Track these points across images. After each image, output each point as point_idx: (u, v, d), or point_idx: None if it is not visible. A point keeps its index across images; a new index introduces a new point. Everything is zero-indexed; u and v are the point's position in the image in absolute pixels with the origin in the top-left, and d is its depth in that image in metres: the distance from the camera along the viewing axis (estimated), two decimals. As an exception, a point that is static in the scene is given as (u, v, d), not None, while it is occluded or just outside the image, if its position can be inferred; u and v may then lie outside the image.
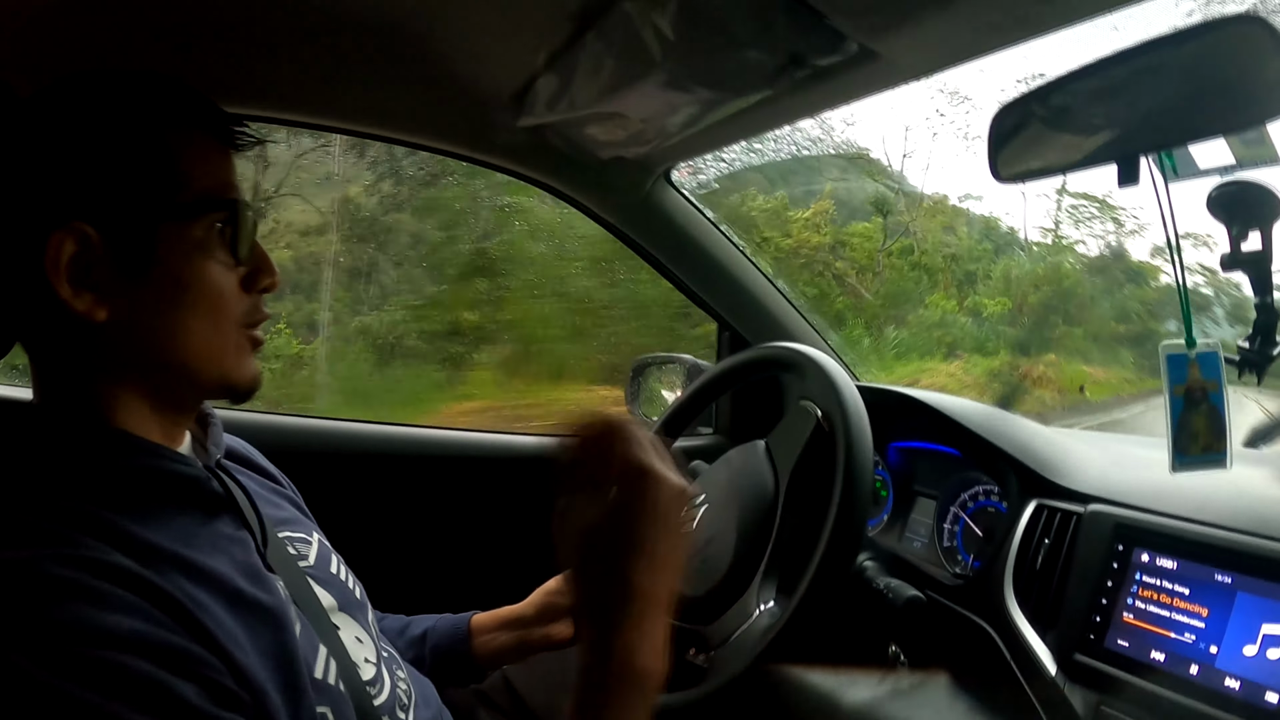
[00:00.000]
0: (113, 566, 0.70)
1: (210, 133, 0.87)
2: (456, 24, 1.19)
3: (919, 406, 1.44)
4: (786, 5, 0.97)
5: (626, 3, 1.04)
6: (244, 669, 0.74)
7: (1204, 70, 0.89)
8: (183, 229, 0.83)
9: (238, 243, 0.86)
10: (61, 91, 0.83)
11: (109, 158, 0.81)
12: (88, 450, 0.80)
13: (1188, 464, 0.99)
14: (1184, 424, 1.00)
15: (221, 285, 0.85)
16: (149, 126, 0.82)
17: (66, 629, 0.65)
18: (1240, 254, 1.08)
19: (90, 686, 0.64)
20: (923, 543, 1.47)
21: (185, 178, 0.83)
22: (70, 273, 0.78)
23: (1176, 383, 1.00)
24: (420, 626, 1.31)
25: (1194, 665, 0.91)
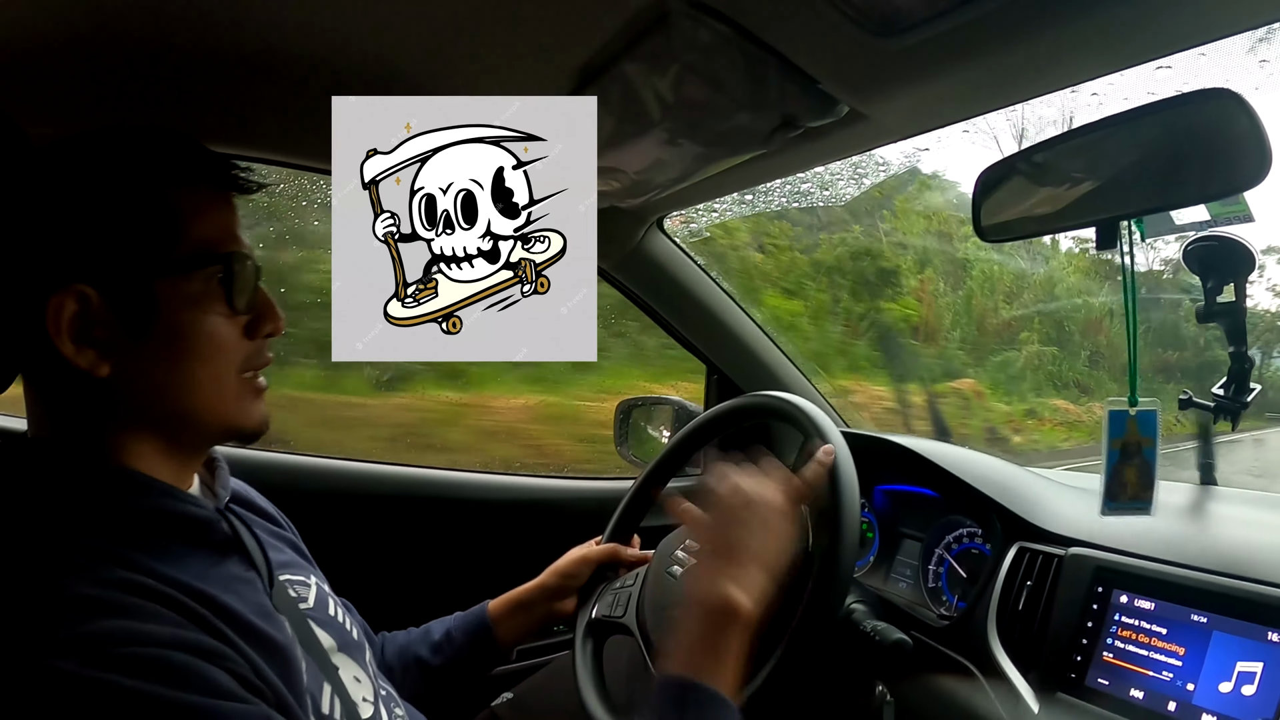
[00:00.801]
0: (142, 585, 0.73)
1: (208, 181, 0.88)
2: (458, 77, 1.21)
3: (903, 452, 1.47)
4: (781, 71, 1.00)
5: (627, 65, 1.06)
6: (265, 675, 0.78)
7: (1180, 140, 0.93)
8: (180, 283, 0.84)
9: (233, 294, 0.87)
10: (55, 155, 0.84)
11: (105, 219, 0.82)
12: (102, 489, 0.81)
13: (1115, 509, 1.07)
14: (1116, 474, 1.07)
15: (221, 335, 0.87)
16: (144, 184, 0.83)
17: (105, 636, 0.68)
18: (1215, 305, 1.13)
19: (135, 676, 0.66)
20: (908, 584, 1.49)
21: (182, 232, 0.84)
22: (72, 332, 0.80)
23: (1115, 436, 1.07)
24: (439, 631, 1.33)
25: (1172, 702, 0.94)
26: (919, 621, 1.26)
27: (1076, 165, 1.05)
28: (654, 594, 1.23)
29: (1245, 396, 1.19)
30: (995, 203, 1.13)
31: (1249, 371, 1.18)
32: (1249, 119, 0.88)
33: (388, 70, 1.17)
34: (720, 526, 1.00)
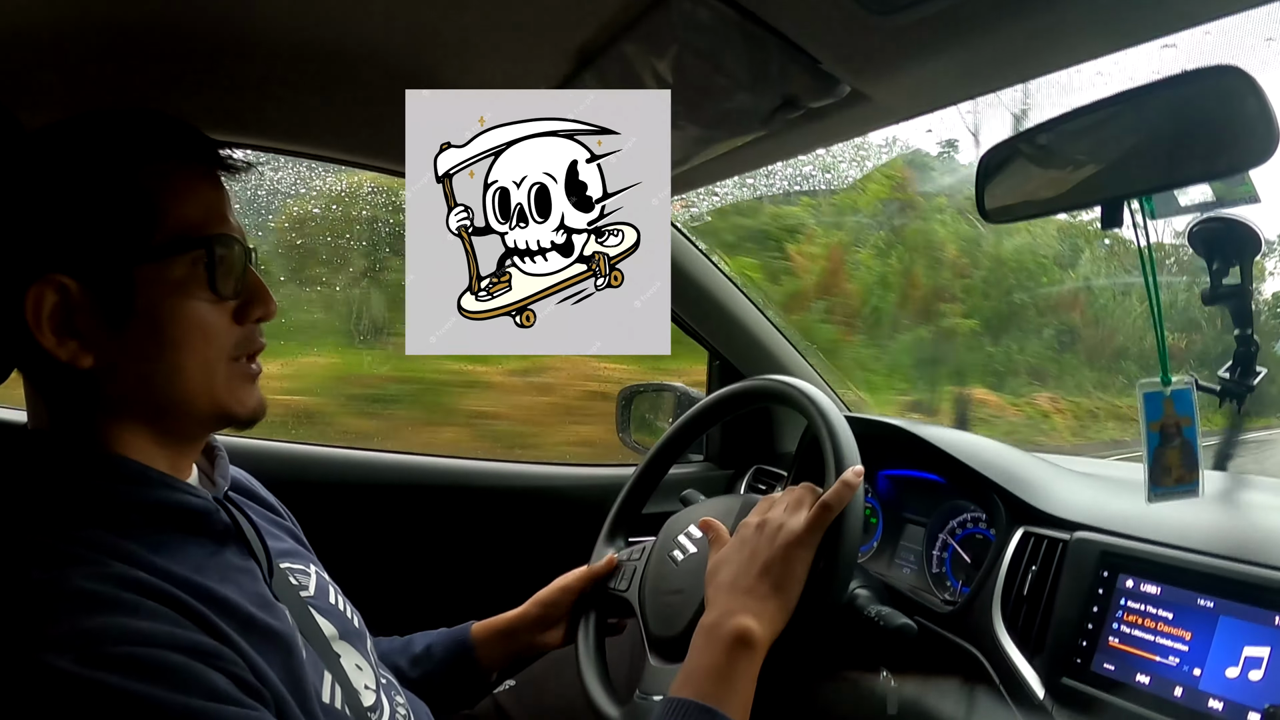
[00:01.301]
0: (139, 581, 0.72)
1: (191, 162, 0.86)
2: (455, 59, 1.19)
3: (907, 436, 1.46)
4: (782, 51, 0.99)
5: (626, 44, 1.05)
6: (264, 675, 0.77)
7: (1186, 119, 0.93)
8: (160, 270, 0.82)
9: (217, 279, 0.84)
10: (30, 145, 0.83)
11: (80, 208, 0.80)
12: (97, 480, 0.80)
13: (1162, 495, 1.05)
14: (1159, 458, 1.06)
15: (207, 322, 0.85)
16: (120, 169, 0.81)
17: (102, 633, 0.67)
18: (1221, 288, 1.12)
19: (130, 677, 0.66)
20: (912, 569, 1.48)
21: (161, 216, 0.82)
22: (52, 323, 0.79)
23: (1152, 419, 1.06)
24: (421, 644, 1.31)
25: (1178, 687, 0.94)
26: (923, 607, 1.25)
27: (1081, 145, 1.04)
28: (655, 576, 1.22)
29: (1251, 380, 1.18)
30: (999, 184, 1.12)
31: (1255, 355, 1.17)
32: (1257, 97, 0.87)
33: (378, 51, 1.16)
34: (744, 555, 1.02)
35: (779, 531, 1.00)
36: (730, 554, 1.03)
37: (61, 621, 0.67)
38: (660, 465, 1.40)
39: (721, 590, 1.00)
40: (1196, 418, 1.06)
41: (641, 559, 1.27)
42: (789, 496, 1.05)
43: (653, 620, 1.18)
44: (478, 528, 1.91)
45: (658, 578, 1.22)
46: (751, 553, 1.01)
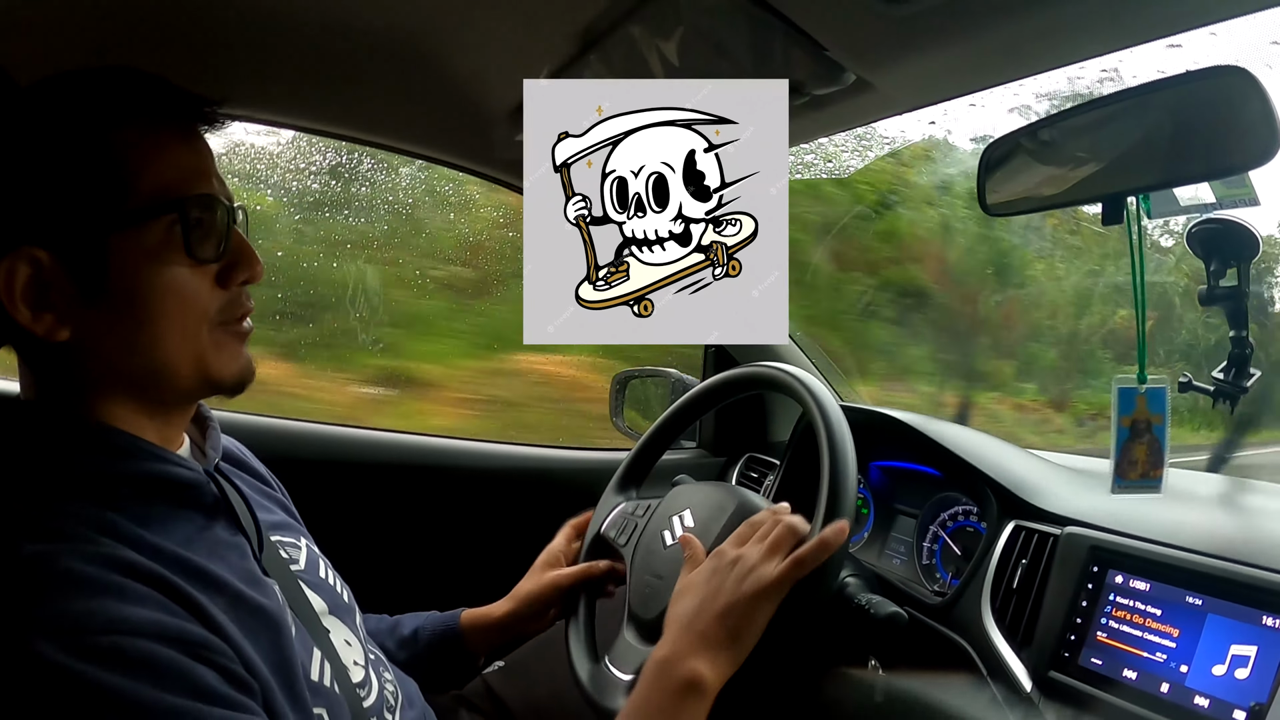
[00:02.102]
0: (129, 562, 0.71)
1: (165, 121, 0.83)
2: (459, 37, 1.19)
3: (901, 427, 1.47)
4: (788, 36, 0.99)
5: (631, 26, 1.04)
6: (252, 662, 0.76)
7: (1189, 118, 0.93)
8: (134, 237, 0.79)
9: (192, 242, 0.81)
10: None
11: (49, 176, 0.78)
12: (86, 451, 0.80)
13: (1125, 487, 1.09)
14: (1126, 452, 1.08)
15: (187, 288, 0.82)
16: (89, 133, 0.78)
17: (89, 618, 0.66)
18: (1218, 289, 1.12)
19: (115, 670, 0.65)
20: (902, 560, 1.49)
21: (133, 181, 0.79)
22: (26, 296, 0.77)
23: (1124, 414, 1.08)
24: (409, 626, 1.31)
25: (1165, 683, 0.94)
26: (913, 598, 1.25)
27: (1084, 141, 1.04)
28: (644, 551, 1.23)
29: (1245, 381, 1.18)
30: (1000, 178, 1.12)
31: (1250, 356, 1.17)
32: (1260, 98, 0.87)
33: (375, 28, 1.15)
34: (709, 590, 0.98)
35: (748, 576, 0.96)
36: (697, 583, 1.00)
37: (48, 603, 0.66)
38: (653, 450, 1.40)
39: (678, 624, 0.97)
40: (1168, 416, 1.08)
41: (644, 519, 1.27)
42: (770, 531, 1.01)
43: (634, 594, 1.19)
44: (469, 507, 1.91)
45: (646, 553, 1.22)
46: (716, 590, 0.97)
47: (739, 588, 0.96)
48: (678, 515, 1.20)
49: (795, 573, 0.95)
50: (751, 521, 1.04)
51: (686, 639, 0.95)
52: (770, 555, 0.97)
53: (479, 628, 1.32)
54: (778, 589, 0.95)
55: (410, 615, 1.34)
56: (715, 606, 0.96)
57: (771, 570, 0.96)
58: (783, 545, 0.98)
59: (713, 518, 1.15)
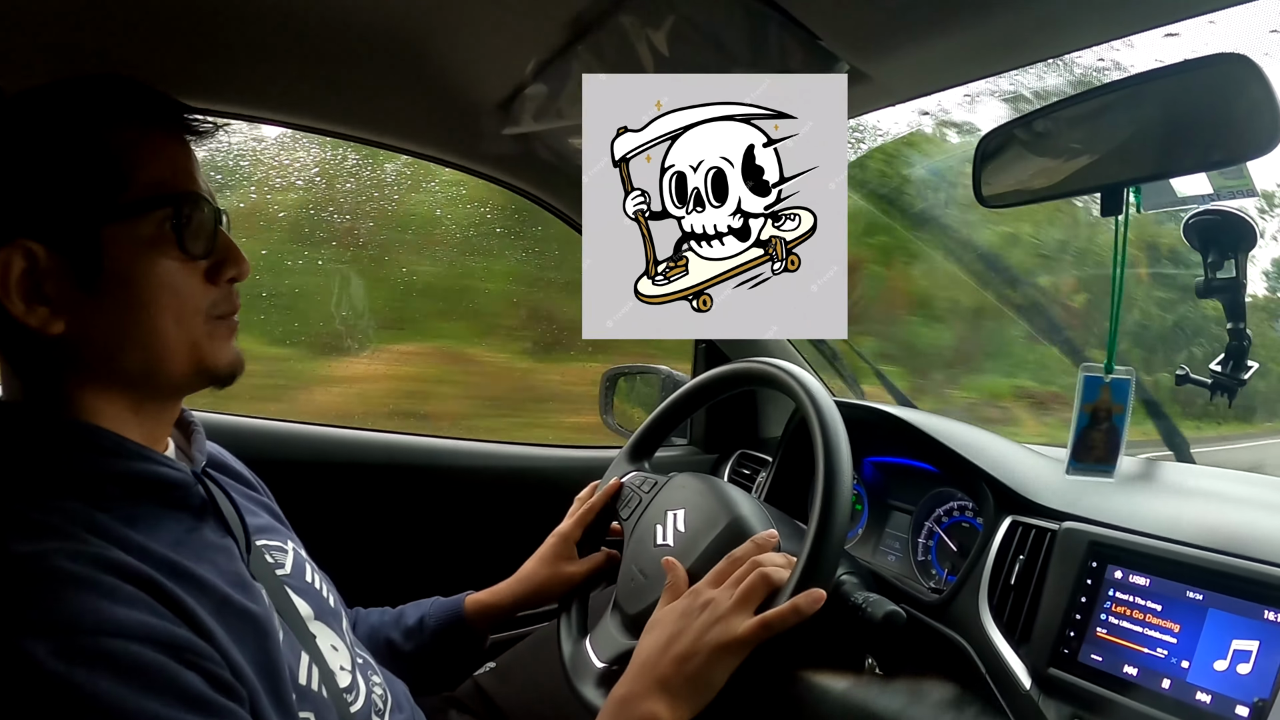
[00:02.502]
0: (118, 563, 0.71)
1: (157, 125, 0.85)
2: (445, 29, 1.18)
3: (896, 422, 1.45)
4: (781, 25, 0.98)
5: (622, 16, 1.04)
6: (238, 667, 0.76)
7: (1189, 107, 0.92)
8: (128, 230, 0.81)
9: (185, 238, 0.83)
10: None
11: (45, 171, 0.79)
12: (73, 451, 0.79)
13: (1079, 470, 1.13)
14: (1084, 437, 1.12)
15: (179, 282, 0.84)
16: (84, 132, 0.80)
17: (77, 619, 0.66)
18: (1215, 281, 1.11)
19: (102, 674, 0.65)
20: (897, 557, 1.48)
21: (127, 176, 0.81)
22: (21, 289, 0.78)
23: (1087, 401, 1.11)
24: (413, 616, 1.31)
25: (1166, 679, 0.93)
26: (909, 595, 1.24)
27: (1082, 130, 1.03)
28: (636, 541, 1.23)
29: (1243, 373, 1.18)
30: (996, 169, 1.11)
31: (1247, 348, 1.17)
32: (1261, 85, 0.86)
33: (362, 18, 1.14)
34: (674, 630, 0.98)
35: (714, 625, 0.96)
36: (666, 622, 1.00)
37: (38, 603, 0.66)
38: (697, 401, 1.37)
39: (640, 663, 0.97)
40: (1129, 408, 1.10)
41: (647, 497, 1.28)
42: (746, 576, 0.99)
43: (621, 583, 1.20)
44: (459, 508, 1.89)
45: (638, 543, 1.22)
46: (680, 633, 0.97)
47: (703, 637, 0.96)
48: (673, 512, 1.19)
49: (761, 634, 0.95)
50: (733, 558, 1.04)
51: (644, 681, 0.95)
52: (741, 606, 0.97)
53: (485, 613, 1.32)
54: (740, 648, 0.95)
55: (413, 605, 1.35)
56: (677, 650, 0.96)
57: (738, 626, 0.95)
58: (755, 597, 0.97)
59: (701, 531, 1.14)
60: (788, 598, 0.95)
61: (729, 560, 1.03)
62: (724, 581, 1.01)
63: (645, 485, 1.30)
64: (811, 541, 0.99)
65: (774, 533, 1.05)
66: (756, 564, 1.00)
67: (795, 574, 0.98)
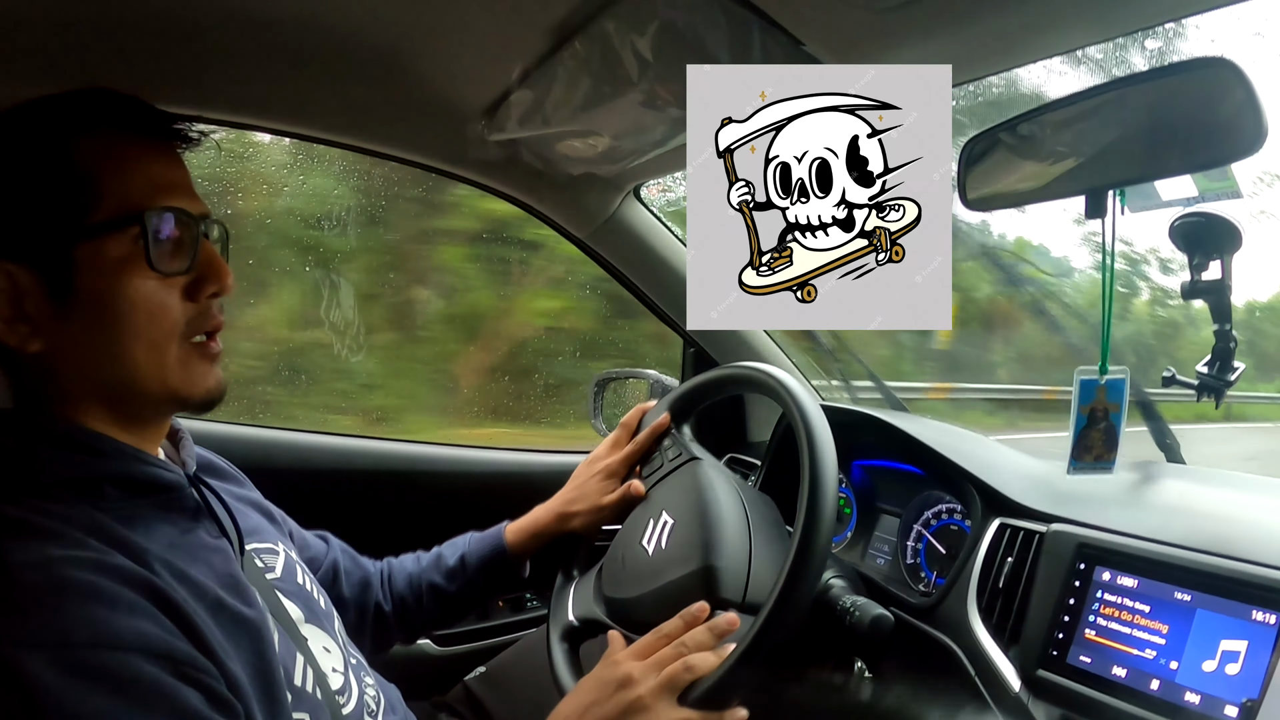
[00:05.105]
0: (118, 567, 0.72)
1: (135, 137, 0.85)
2: (430, 35, 1.18)
3: (882, 426, 1.45)
4: (764, 30, 0.98)
5: (605, 21, 1.04)
6: (234, 677, 0.76)
7: (1173, 110, 0.93)
8: (99, 248, 0.80)
9: (154, 255, 0.82)
10: None
11: (16, 193, 0.80)
12: (70, 452, 0.80)
13: (1080, 469, 1.13)
14: (1083, 437, 1.12)
15: (152, 301, 0.83)
16: (55, 151, 0.80)
17: (76, 631, 0.67)
18: (1200, 283, 1.12)
19: (98, 688, 0.65)
20: (886, 560, 1.48)
21: (99, 195, 0.81)
22: (2, 308, 0.79)
23: (1084, 403, 1.11)
24: (452, 556, 1.34)
25: (1155, 680, 0.93)
26: (898, 598, 1.24)
27: (1066, 134, 1.03)
28: (631, 525, 1.25)
29: (1229, 375, 1.18)
30: (981, 173, 1.12)
31: (1233, 350, 1.17)
32: (1245, 89, 0.87)
33: (346, 24, 1.14)
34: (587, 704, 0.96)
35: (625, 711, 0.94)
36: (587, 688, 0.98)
37: (36, 612, 0.67)
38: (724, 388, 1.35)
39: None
40: (1125, 406, 1.11)
41: (669, 465, 1.28)
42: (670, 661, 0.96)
43: (610, 557, 1.24)
44: (444, 513, 1.86)
45: (631, 526, 1.25)
46: (594, 704, 0.95)
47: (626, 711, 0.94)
48: (666, 518, 1.18)
49: None
50: (663, 633, 1.01)
51: None
52: (659, 695, 0.94)
53: (528, 540, 1.36)
54: None
55: (448, 545, 1.38)
56: None
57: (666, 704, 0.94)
58: (676, 687, 0.95)
59: (672, 561, 1.13)
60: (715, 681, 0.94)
61: (657, 635, 1.01)
62: (648, 656, 0.98)
63: (671, 452, 1.30)
64: (796, 547, 0.98)
65: (705, 606, 1.02)
66: (681, 649, 0.97)
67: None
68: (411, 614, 1.31)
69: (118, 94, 0.85)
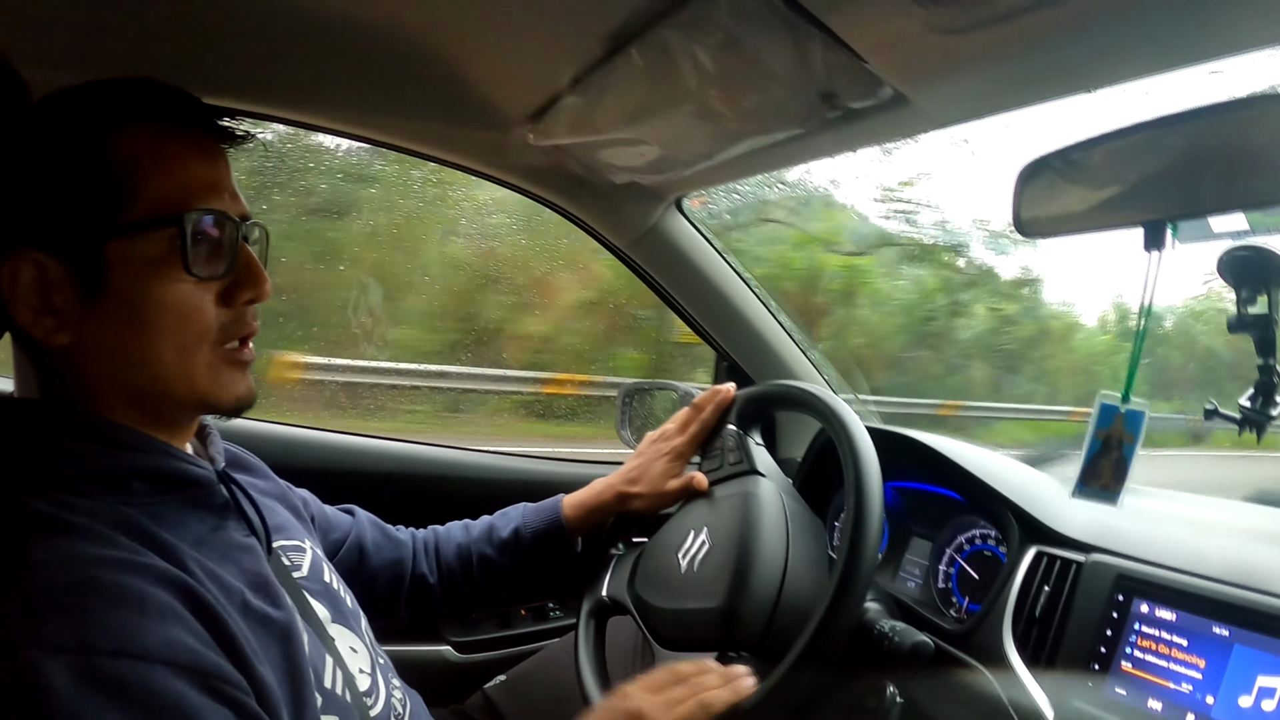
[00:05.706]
0: (151, 568, 0.70)
1: (177, 130, 0.83)
2: (480, 39, 1.18)
3: (919, 448, 1.45)
4: (827, 45, 0.98)
5: (665, 29, 1.03)
6: (263, 683, 0.74)
7: (1234, 144, 0.92)
8: (133, 246, 0.79)
9: (190, 258, 0.80)
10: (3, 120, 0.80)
11: (53, 183, 0.78)
12: (98, 444, 0.79)
13: (1084, 494, 1.11)
14: (1093, 463, 1.11)
15: (185, 304, 0.81)
16: (94, 143, 0.79)
17: (100, 638, 0.64)
18: (1247, 316, 1.11)
19: (115, 703, 0.63)
20: (917, 583, 1.47)
21: (135, 191, 0.79)
22: (28, 299, 0.78)
23: (1101, 428, 1.10)
24: (505, 529, 1.34)
25: (1190, 715, 0.93)
26: (930, 623, 1.24)
27: (1124, 164, 1.03)
28: (668, 534, 1.25)
29: (1272, 409, 1.17)
30: (1035, 199, 1.11)
31: (1277, 385, 1.16)
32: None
33: (401, 28, 1.14)
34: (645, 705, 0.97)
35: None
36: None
37: (59, 614, 0.64)
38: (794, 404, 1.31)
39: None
40: (1140, 439, 1.09)
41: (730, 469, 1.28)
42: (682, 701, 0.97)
43: (647, 554, 1.27)
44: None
45: (673, 528, 1.26)
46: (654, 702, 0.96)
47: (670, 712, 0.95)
48: (705, 537, 1.18)
49: None
50: (676, 672, 1.02)
51: None
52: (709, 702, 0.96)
53: (581, 514, 1.36)
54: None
55: (499, 516, 1.38)
56: None
57: None
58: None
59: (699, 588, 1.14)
60: None
61: (671, 672, 1.01)
62: (660, 692, 0.99)
63: (733, 456, 1.29)
64: (841, 570, 0.98)
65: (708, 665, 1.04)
66: (696, 689, 0.99)
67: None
68: (460, 586, 1.31)
69: (163, 85, 0.84)
